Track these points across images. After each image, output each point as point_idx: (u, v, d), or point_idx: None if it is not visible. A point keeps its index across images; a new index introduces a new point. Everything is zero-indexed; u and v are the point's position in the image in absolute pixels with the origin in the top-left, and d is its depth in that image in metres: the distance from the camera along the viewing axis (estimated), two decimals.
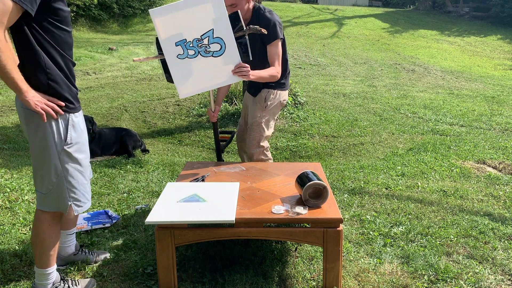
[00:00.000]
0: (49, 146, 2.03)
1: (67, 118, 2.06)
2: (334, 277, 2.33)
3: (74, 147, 2.09)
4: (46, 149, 2.03)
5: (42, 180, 2.08)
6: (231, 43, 2.74)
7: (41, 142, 2.03)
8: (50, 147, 2.03)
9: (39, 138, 2.03)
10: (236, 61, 2.77)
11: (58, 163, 2.05)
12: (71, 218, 2.41)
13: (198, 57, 2.76)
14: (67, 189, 2.10)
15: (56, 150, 2.04)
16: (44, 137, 2.02)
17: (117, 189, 3.70)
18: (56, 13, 1.95)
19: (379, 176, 4.19)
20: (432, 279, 2.50)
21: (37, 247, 2.14)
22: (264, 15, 3.02)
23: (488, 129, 6.15)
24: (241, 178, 2.86)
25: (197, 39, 2.71)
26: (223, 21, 2.68)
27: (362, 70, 10.95)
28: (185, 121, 6.07)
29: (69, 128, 2.07)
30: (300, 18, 19.44)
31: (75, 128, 2.10)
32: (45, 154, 2.04)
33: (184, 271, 2.50)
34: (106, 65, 10.15)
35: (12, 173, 3.97)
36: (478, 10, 21.90)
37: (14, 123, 5.68)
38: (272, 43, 2.99)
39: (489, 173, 4.32)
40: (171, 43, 2.71)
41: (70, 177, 2.10)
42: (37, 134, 2.02)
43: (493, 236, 3.03)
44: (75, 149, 2.09)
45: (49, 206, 2.11)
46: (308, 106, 6.80)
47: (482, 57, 14.51)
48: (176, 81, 2.81)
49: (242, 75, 2.78)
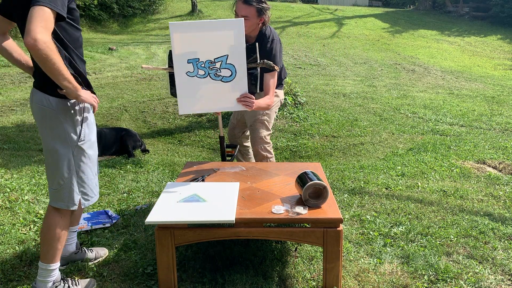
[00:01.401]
0: (64, 142, 2.12)
1: (82, 115, 2.15)
2: (334, 277, 2.33)
3: (86, 144, 2.18)
4: (61, 145, 2.11)
5: (54, 176, 2.16)
6: (242, 73, 2.78)
7: (57, 138, 2.11)
8: (65, 143, 2.12)
9: (55, 135, 2.11)
10: (243, 91, 2.82)
11: (71, 158, 2.14)
12: (76, 214, 2.45)
13: (207, 79, 2.79)
14: (77, 184, 2.19)
15: (70, 146, 2.13)
16: (60, 134, 2.11)
17: (117, 189, 3.70)
18: (71, 12, 2.04)
19: (379, 176, 4.19)
20: (432, 279, 2.51)
21: (46, 241, 2.19)
22: (267, 42, 3.08)
23: (488, 129, 6.15)
24: (241, 178, 2.86)
25: (210, 61, 2.75)
26: (239, 50, 2.73)
27: (362, 70, 10.96)
28: (185, 121, 6.07)
29: (83, 125, 2.16)
30: (300, 18, 19.44)
31: (88, 125, 2.20)
32: (60, 150, 2.12)
33: (184, 271, 2.50)
34: (106, 65, 10.15)
35: (12, 173, 3.98)
36: (478, 10, 21.90)
37: (14, 123, 5.68)
38: (271, 72, 3.05)
39: (489, 173, 4.32)
40: (183, 59, 2.73)
41: (81, 172, 2.19)
42: (53, 131, 2.10)
43: (493, 236, 3.03)
44: (87, 146, 2.19)
45: (61, 203, 2.19)
46: (308, 106, 6.80)
47: (482, 57, 14.51)
48: (180, 97, 2.81)
49: (246, 105, 2.85)
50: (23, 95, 7.20)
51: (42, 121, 2.11)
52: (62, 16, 1.94)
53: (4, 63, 9.48)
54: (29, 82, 8.14)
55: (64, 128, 2.10)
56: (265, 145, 3.34)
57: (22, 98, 7.01)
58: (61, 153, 2.12)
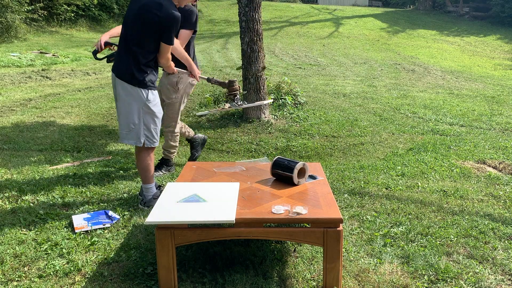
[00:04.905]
0: (138, 101, 3.11)
1: (147, 89, 3.14)
2: (334, 277, 2.33)
3: (153, 104, 3.16)
4: (135, 100, 3.10)
5: (128, 122, 3.12)
6: None
7: (133, 97, 3.09)
8: (139, 100, 3.11)
9: (131, 95, 3.09)
10: None
11: (141, 110, 3.12)
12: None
13: None
14: (143, 129, 3.15)
15: (141, 102, 3.12)
16: (136, 96, 3.10)
17: (117, 189, 3.70)
18: None
19: (379, 176, 4.19)
20: (432, 279, 2.51)
21: (142, 170, 3.27)
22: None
23: (488, 129, 6.15)
24: (241, 178, 2.86)
25: None
26: None
27: (362, 70, 10.96)
28: (185, 121, 6.07)
29: (150, 93, 3.14)
30: (300, 18, 19.45)
31: (153, 94, 3.18)
32: (134, 103, 3.11)
33: (184, 271, 2.50)
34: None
35: (12, 173, 3.98)
36: (478, 10, 21.91)
37: (14, 123, 5.68)
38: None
39: (489, 173, 4.32)
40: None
41: (146, 121, 3.15)
42: (132, 95, 3.10)
43: (493, 236, 3.03)
44: (152, 104, 3.15)
45: (129, 141, 3.17)
46: (308, 106, 6.80)
47: (482, 57, 14.51)
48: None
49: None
50: (23, 95, 7.20)
51: (126, 90, 3.11)
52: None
53: (4, 63, 9.49)
54: (29, 82, 8.15)
55: (141, 93, 3.11)
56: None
57: (22, 98, 7.01)
58: (135, 105, 3.10)
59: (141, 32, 3.04)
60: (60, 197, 3.50)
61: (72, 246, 2.76)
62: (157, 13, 2.98)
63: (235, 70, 9.61)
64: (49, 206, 3.34)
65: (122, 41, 3.16)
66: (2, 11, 12.43)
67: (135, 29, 3.06)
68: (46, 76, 8.70)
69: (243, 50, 5.84)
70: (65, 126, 5.66)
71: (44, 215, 3.16)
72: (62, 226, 3.02)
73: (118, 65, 3.18)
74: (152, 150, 3.27)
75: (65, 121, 5.87)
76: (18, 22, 13.08)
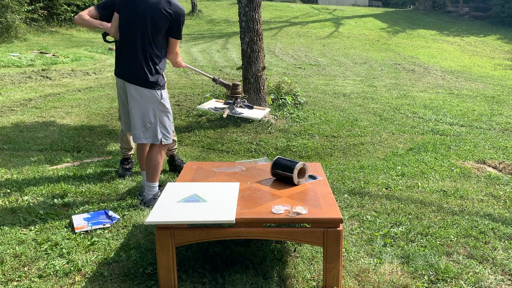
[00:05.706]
0: (154, 101, 3.18)
1: (160, 89, 3.23)
2: (334, 277, 2.33)
3: (165, 101, 3.26)
4: (151, 102, 3.17)
5: (145, 122, 3.18)
6: None
7: (149, 99, 3.16)
8: (154, 100, 3.18)
9: (147, 97, 3.16)
10: None
11: (156, 109, 3.19)
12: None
13: None
14: (159, 127, 3.22)
15: (156, 102, 3.19)
16: (150, 96, 3.17)
17: (117, 189, 3.70)
18: None
19: (379, 176, 4.19)
20: (432, 279, 2.51)
21: (150, 167, 3.26)
22: None
23: (488, 129, 6.15)
24: (241, 178, 2.86)
25: None
26: None
27: (362, 70, 10.96)
28: (185, 121, 6.07)
29: (163, 92, 3.23)
30: (300, 18, 19.45)
31: (165, 91, 3.28)
32: (150, 104, 3.17)
33: (184, 271, 2.50)
34: (106, 65, 10.16)
35: (12, 173, 3.98)
36: (478, 10, 21.91)
37: (14, 123, 5.68)
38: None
39: (489, 173, 4.32)
40: None
41: (161, 119, 3.24)
42: (148, 96, 3.17)
43: (493, 236, 3.03)
44: (165, 102, 3.25)
45: (147, 139, 3.22)
46: (308, 106, 6.80)
47: (482, 57, 14.51)
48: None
49: None
50: (23, 95, 7.20)
51: (141, 91, 3.17)
52: None
53: (4, 63, 9.49)
54: (29, 82, 8.15)
55: (156, 93, 3.19)
56: None
57: (22, 98, 7.00)
58: (150, 106, 3.18)
59: (154, 31, 3.10)
60: (60, 197, 3.50)
61: (72, 246, 2.76)
62: (168, 10, 3.09)
63: (235, 70, 9.61)
64: (49, 206, 3.34)
65: (128, 46, 3.14)
66: (2, 11, 12.43)
67: (145, 30, 3.09)
68: (46, 76, 8.70)
69: (243, 50, 5.84)
70: (65, 126, 5.66)
71: (44, 215, 3.16)
72: (62, 226, 3.03)
73: (127, 70, 3.17)
74: (164, 148, 3.32)
75: (65, 121, 5.87)
76: (18, 22, 13.08)
